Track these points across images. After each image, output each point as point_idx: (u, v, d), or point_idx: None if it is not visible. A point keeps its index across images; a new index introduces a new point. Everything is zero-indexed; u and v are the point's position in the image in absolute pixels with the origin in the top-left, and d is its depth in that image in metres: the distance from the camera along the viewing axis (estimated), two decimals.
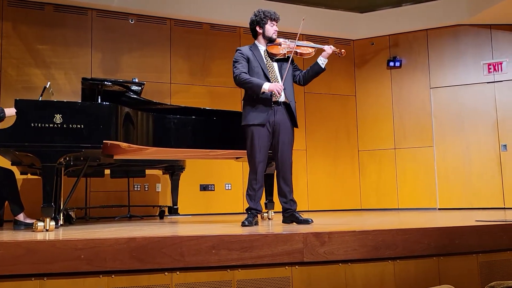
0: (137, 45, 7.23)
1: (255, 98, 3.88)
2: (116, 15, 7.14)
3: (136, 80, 4.50)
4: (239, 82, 3.90)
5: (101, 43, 7.03)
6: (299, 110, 7.80)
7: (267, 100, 3.87)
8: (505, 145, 7.43)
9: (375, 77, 8.39)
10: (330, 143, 8.26)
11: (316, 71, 4.06)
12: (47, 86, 4.39)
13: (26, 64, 6.61)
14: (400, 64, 8.19)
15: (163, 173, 6.71)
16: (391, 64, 8.21)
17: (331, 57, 4.07)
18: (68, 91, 6.71)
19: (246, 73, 3.90)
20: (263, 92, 3.80)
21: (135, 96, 4.61)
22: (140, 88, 4.60)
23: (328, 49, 3.98)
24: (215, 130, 4.49)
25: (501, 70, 7.58)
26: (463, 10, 7.68)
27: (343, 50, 4.02)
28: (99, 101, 4.27)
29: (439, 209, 7.69)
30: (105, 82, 4.35)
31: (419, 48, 8.15)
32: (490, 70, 7.65)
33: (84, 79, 4.38)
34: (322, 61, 4.01)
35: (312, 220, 3.87)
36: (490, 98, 7.62)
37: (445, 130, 7.85)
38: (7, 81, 6.49)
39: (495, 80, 7.61)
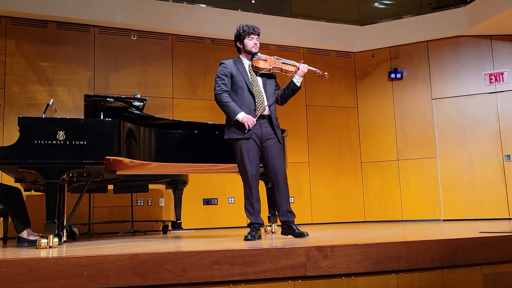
0: (139, 60, 7.28)
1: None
2: (118, 31, 7.20)
3: (138, 96, 4.54)
4: (218, 101, 3.91)
5: (104, 59, 7.08)
6: (301, 122, 7.97)
7: (252, 114, 3.85)
8: (508, 155, 7.42)
9: (376, 89, 8.41)
10: (332, 155, 8.25)
11: (292, 89, 4.01)
12: (50, 103, 4.43)
13: (29, 81, 6.67)
14: (401, 76, 8.21)
15: (166, 188, 6.71)
16: (392, 75, 8.23)
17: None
18: (71, 107, 6.76)
19: (227, 93, 3.90)
20: (236, 120, 3.81)
21: (137, 112, 4.64)
22: (142, 103, 4.63)
23: (304, 68, 3.96)
24: (217, 144, 4.48)
25: (503, 81, 7.60)
26: (463, 21, 7.71)
27: (326, 73, 4.01)
28: (102, 117, 4.29)
29: (443, 220, 7.66)
30: (108, 99, 4.39)
31: (420, 60, 8.18)
32: (491, 81, 7.66)
33: (86, 95, 4.41)
34: (297, 79, 3.98)
35: (307, 234, 3.80)
36: (492, 108, 7.63)
37: (447, 141, 7.85)
38: (11, 98, 6.54)
39: (497, 91, 7.62)
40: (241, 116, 3.80)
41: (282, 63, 4.02)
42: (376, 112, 8.38)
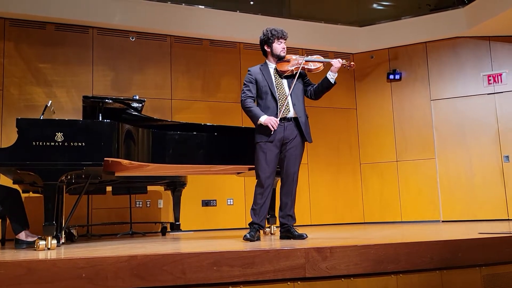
0: (137, 62, 7.28)
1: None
2: (116, 32, 7.19)
3: (137, 97, 4.53)
4: (243, 107, 3.97)
5: (102, 60, 7.07)
6: None
7: (275, 117, 3.86)
8: (507, 156, 7.42)
9: (375, 90, 8.42)
10: (332, 157, 8.25)
11: (326, 86, 4.01)
12: (49, 105, 4.42)
13: (28, 83, 6.65)
14: (400, 77, 8.22)
15: (165, 189, 6.70)
16: (391, 77, 8.23)
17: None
18: (70, 109, 6.75)
19: (251, 99, 3.95)
20: (260, 124, 3.83)
21: (135, 113, 4.63)
22: (140, 105, 4.62)
23: (336, 63, 3.93)
24: (216, 146, 4.49)
25: (501, 82, 7.60)
26: (462, 22, 7.72)
27: (352, 63, 4.00)
28: (100, 119, 4.28)
29: (442, 221, 7.65)
30: (106, 100, 4.37)
31: (419, 61, 8.18)
32: (490, 82, 7.67)
33: (85, 97, 4.40)
34: (331, 75, 3.97)
35: (306, 235, 3.85)
36: (491, 109, 7.63)
37: (446, 142, 7.85)
38: (9, 100, 6.53)
39: (495, 92, 7.63)
40: (263, 119, 3.82)
41: (306, 61, 3.99)
42: (375, 113, 8.38)
